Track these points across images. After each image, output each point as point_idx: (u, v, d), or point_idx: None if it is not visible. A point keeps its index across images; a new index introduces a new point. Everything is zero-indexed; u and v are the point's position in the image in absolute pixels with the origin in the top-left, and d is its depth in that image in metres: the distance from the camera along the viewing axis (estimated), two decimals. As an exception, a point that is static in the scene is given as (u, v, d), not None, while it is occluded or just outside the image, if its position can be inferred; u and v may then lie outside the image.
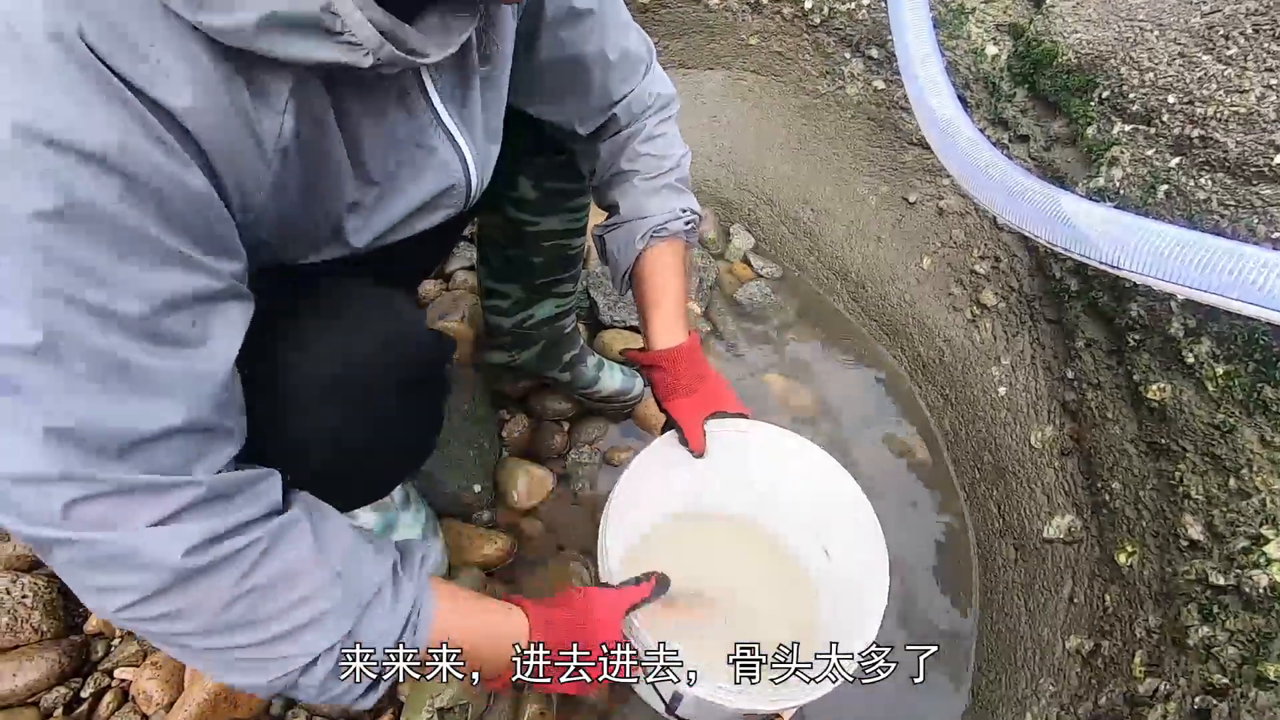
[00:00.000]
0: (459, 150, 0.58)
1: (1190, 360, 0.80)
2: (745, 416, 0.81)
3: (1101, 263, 0.82)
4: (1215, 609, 0.69)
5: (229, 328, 0.44)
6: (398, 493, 0.93)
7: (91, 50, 0.35)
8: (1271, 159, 0.80)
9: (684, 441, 0.78)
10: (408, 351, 0.61)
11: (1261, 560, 0.68)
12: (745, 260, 1.51)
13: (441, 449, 1.09)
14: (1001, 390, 1.12)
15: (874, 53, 1.42)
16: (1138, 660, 0.76)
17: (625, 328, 1.31)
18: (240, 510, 0.44)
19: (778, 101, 1.59)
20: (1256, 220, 0.78)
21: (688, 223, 0.79)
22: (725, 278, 1.47)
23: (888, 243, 1.39)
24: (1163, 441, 0.82)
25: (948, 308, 1.27)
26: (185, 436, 0.42)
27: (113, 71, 0.36)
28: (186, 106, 0.39)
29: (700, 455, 0.78)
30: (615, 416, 1.21)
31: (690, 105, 1.65)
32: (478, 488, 1.05)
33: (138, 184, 0.37)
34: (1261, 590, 0.67)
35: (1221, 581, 0.70)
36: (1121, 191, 0.97)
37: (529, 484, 1.09)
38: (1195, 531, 0.74)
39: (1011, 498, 1.03)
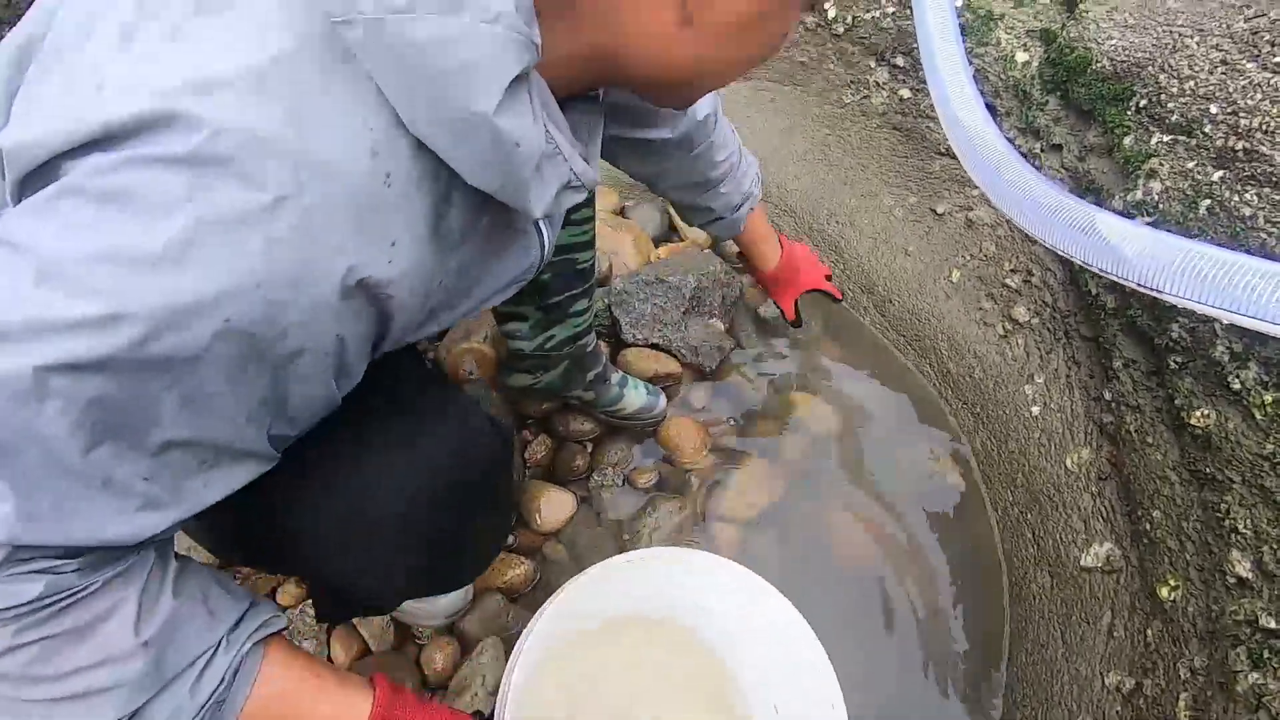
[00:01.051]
0: (540, 232, 0.58)
1: (1236, 386, 0.76)
2: (830, 292, 1.17)
3: (1139, 284, 0.79)
4: (1266, 654, 0.66)
5: (230, 480, 0.43)
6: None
7: (350, 277, 0.39)
8: (1323, 174, 0.76)
9: (781, 314, 1.16)
10: (476, 459, 0.60)
11: (1316, 602, 0.64)
12: (769, 274, 1.49)
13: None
14: (1035, 410, 1.09)
15: (899, 61, 1.39)
16: (1182, 704, 0.72)
17: (647, 345, 1.30)
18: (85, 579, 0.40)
19: (801, 111, 1.56)
20: (1307, 240, 0.75)
21: (758, 183, 1.02)
22: (749, 291, 1.45)
23: (915, 255, 1.36)
24: (1207, 471, 0.79)
25: (978, 323, 1.23)
26: (116, 549, 0.41)
27: (357, 283, 0.39)
28: (398, 273, 0.41)
29: (795, 323, 1.18)
30: (638, 436, 1.20)
31: (712, 117, 1.63)
32: (500, 511, 1.06)
33: (275, 374, 0.40)
34: (1316, 634, 0.63)
35: (1273, 625, 0.66)
36: (1160, 206, 0.93)
37: (551, 507, 1.08)
38: (1243, 569, 0.71)
39: (1046, 523, 1.00)
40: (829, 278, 1.18)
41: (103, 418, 0.36)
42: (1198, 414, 0.80)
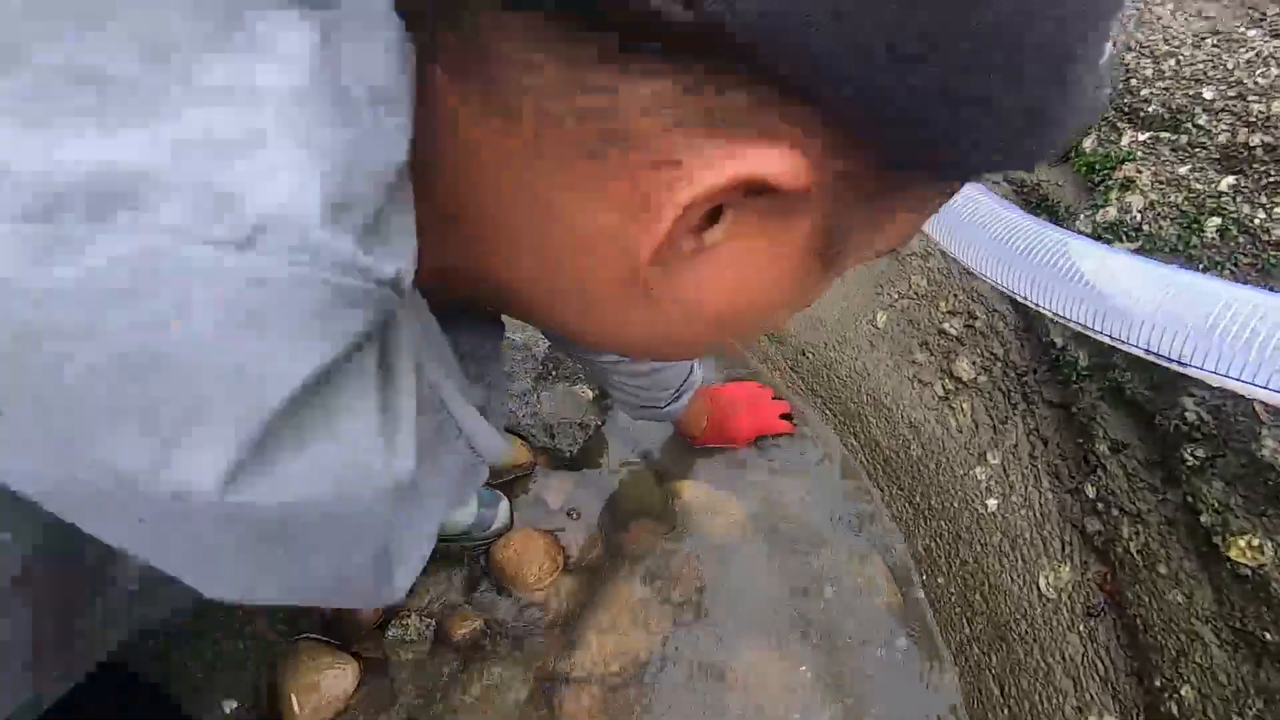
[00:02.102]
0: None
1: (1304, 506, 0.49)
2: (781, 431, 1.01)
3: (1148, 351, 0.51)
4: None
5: None
6: None
7: None
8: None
9: None
10: None
11: None
12: (656, 320, 1.19)
13: (194, 641, 0.74)
14: (991, 503, 0.81)
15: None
16: None
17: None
18: None
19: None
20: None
21: (701, 367, 0.89)
22: (630, 345, 1.15)
23: (832, 293, 1.08)
24: (1266, 637, 0.51)
25: (911, 379, 0.96)
26: None
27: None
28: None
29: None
30: (463, 560, 0.87)
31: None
32: (231, 706, 0.70)
33: None
34: None
35: None
36: (1145, 227, 0.67)
37: (324, 684, 0.74)
38: (1361, 832, 0.43)
39: (1019, 675, 0.71)
40: (787, 415, 1.02)
41: None
42: (1241, 543, 0.53)
